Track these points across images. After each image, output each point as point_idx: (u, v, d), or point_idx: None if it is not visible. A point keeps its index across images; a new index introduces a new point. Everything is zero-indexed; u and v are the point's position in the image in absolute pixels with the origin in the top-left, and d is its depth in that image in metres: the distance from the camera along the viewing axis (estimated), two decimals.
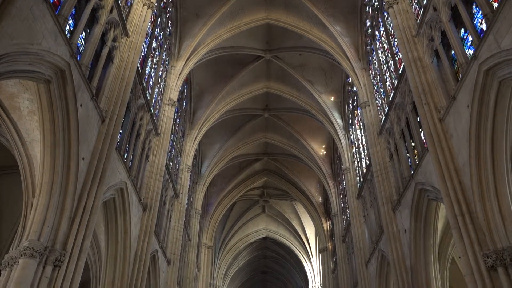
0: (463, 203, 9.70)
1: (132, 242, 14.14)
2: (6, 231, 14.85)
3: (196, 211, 26.60)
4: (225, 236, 36.51)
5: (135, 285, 13.79)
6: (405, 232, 14.29)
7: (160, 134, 17.84)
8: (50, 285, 8.56)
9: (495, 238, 8.75)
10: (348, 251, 23.80)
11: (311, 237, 35.51)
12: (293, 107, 25.94)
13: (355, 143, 22.70)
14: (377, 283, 17.53)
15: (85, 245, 9.71)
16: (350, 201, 21.81)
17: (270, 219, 37.38)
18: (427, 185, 12.46)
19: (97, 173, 10.59)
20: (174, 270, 19.56)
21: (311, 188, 31.50)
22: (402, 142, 15.11)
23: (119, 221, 13.60)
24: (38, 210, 8.97)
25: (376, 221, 18.08)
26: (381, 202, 16.00)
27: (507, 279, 8.29)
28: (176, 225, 20.67)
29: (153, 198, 16.18)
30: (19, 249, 8.49)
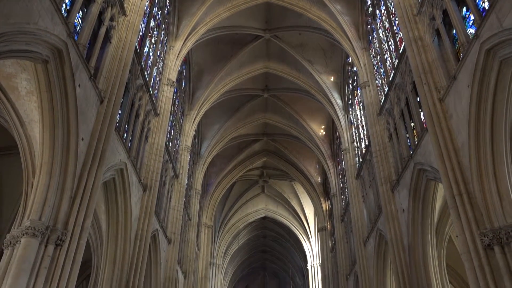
0: (461, 183, 9.76)
1: (133, 222, 14.28)
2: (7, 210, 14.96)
3: (196, 191, 26.76)
4: (224, 216, 36.83)
5: (136, 264, 13.99)
6: (403, 212, 14.43)
7: (159, 115, 17.80)
8: (52, 264, 8.68)
9: (492, 217, 8.84)
10: (346, 231, 24.06)
11: (310, 216, 35.84)
12: (293, 87, 25.81)
13: (354, 124, 22.69)
14: (375, 262, 17.80)
15: (86, 225, 9.80)
16: (349, 181, 21.94)
17: (270, 199, 37.64)
18: (426, 165, 12.52)
19: (97, 153, 10.61)
20: (174, 249, 19.81)
21: (310, 169, 31.62)
22: (402, 123, 15.10)
23: (120, 201, 13.71)
24: (39, 190, 9.03)
25: (375, 201, 18.23)
26: (380, 182, 16.09)
27: (503, 258, 8.41)
28: (176, 205, 20.84)
29: (153, 179, 16.26)
30: (21, 229, 8.58)
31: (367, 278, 18.59)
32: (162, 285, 18.12)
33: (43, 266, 8.47)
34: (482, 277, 8.68)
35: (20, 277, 7.99)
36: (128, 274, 13.50)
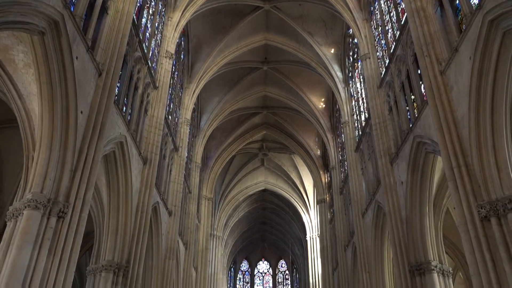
0: (460, 156, 9.80)
1: (134, 194, 14.42)
2: (9, 183, 15.06)
3: (196, 164, 26.89)
4: (224, 189, 37.13)
5: (138, 235, 14.21)
6: (401, 184, 14.55)
7: (158, 88, 17.69)
8: (55, 235, 8.81)
9: (490, 189, 8.92)
10: (345, 203, 24.33)
11: (309, 189, 36.13)
12: (293, 59, 25.53)
13: (354, 96, 22.58)
14: (373, 233, 18.08)
15: (87, 197, 9.90)
16: (348, 154, 22.02)
17: (269, 172, 37.85)
18: (425, 138, 12.54)
19: (96, 126, 10.60)
20: (175, 221, 20.07)
21: (310, 142, 31.67)
22: (402, 95, 15.03)
23: (120, 174, 13.79)
24: (39, 164, 9.07)
25: (374, 173, 18.36)
26: (379, 155, 16.16)
27: (499, 229, 8.53)
28: (176, 178, 20.98)
29: (153, 152, 16.31)
30: (23, 201, 8.67)
31: (365, 249, 18.93)
32: (163, 256, 18.47)
33: (46, 238, 8.61)
34: (478, 248, 8.84)
35: (24, 248, 8.14)
36: (130, 245, 13.74)
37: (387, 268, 17.64)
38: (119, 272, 13.01)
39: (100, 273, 12.81)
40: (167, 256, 18.77)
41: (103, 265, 12.89)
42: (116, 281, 12.88)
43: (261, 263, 52.87)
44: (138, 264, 13.89)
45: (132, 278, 13.41)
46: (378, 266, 17.82)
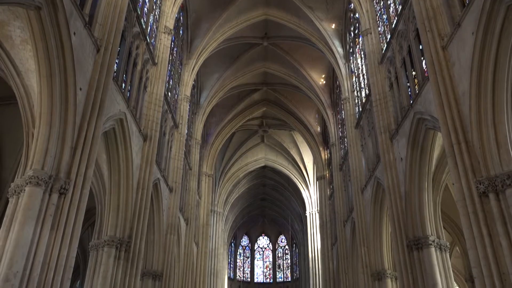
0: (460, 132, 9.80)
1: (134, 171, 14.49)
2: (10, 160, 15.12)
3: (196, 141, 26.92)
4: (225, 165, 37.28)
5: (139, 211, 14.37)
6: (401, 161, 14.60)
7: (157, 64, 17.53)
8: (57, 212, 8.91)
9: (489, 165, 8.95)
10: (344, 179, 24.48)
11: (309, 165, 36.27)
12: (293, 35, 25.19)
13: (355, 73, 22.40)
14: (372, 209, 18.26)
15: (88, 174, 9.96)
16: (348, 131, 22.02)
17: (269, 148, 37.91)
18: (425, 115, 12.52)
19: (96, 103, 10.56)
20: (176, 197, 20.24)
21: (310, 118, 31.61)
22: (403, 71, 14.91)
23: (120, 151, 13.83)
24: (40, 141, 9.08)
25: (373, 150, 18.40)
26: (379, 131, 16.16)
27: (497, 204, 8.61)
28: (176, 155, 21.04)
29: (153, 128, 16.30)
30: (24, 178, 8.71)
31: (364, 224, 19.16)
32: (165, 231, 18.72)
33: (49, 214, 8.70)
34: (475, 223, 8.94)
35: (26, 224, 8.24)
36: (132, 221, 13.91)
37: (385, 242, 17.90)
38: (121, 247, 13.21)
39: (103, 248, 13.01)
40: (168, 232, 19.02)
41: (105, 241, 13.08)
42: (119, 256, 13.10)
43: (261, 238, 53.61)
44: (140, 239, 14.08)
45: (134, 252, 13.63)
46: (377, 241, 18.08)
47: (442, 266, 13.05)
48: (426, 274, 12.79)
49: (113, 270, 12.78)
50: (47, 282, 8.33)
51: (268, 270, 52.15)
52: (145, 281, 17.02)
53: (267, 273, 51.95)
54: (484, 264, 8.58)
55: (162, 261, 18.06)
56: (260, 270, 52.12)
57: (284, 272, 51.60)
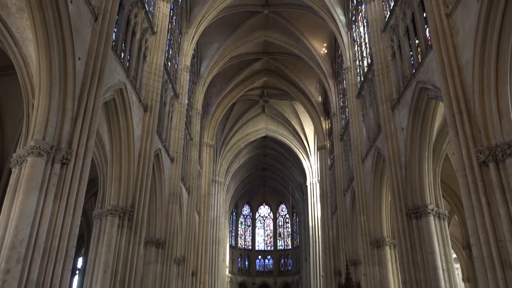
0: (462, 102, 9.75)
1: (135, 141, 14.53)
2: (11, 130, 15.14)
3: (196, 111, 26.85)
4: (225, 136, 37.33)
5: (141, 181, 14.51)
6: (402, 130, 14.60)
7: (157, 33, 17.27)
8: (60, 181, 8.99)
9: (490, 135, 8.96)
10: (345, 149, 24.55)
11: (309, 135, 36.32)
12: (294, 2, 24.63)
13: (357, 41, 22.07)
14: (372, 178, 18.40)
15: (90, 144, 9.99)
16: (349, 101, 21.91)
17: (270, 118, 37.84)
18: (428, 84, 12.42)
19: (95, 73, 10.47)
20: (177, 167, 20.38)
21: (311, 88, 31.38)
22: (406, 40, 14.69)
23: (121, 121, 13.83)
24: (40, 111, 9.06)
25: (375, 119, 18.36)
26: (381, 101, 16.08)
27: (497, 173, 8.67)
28: (177, 125, 21.04)
29: (153, 99, 16.24)
30: (26, 148, 8.75)
31: (364, 194, 19.35)
32: (167, 200, 18.96)
33: (52, 184, 8.79)
34: (474, 192, 9.02)
35: (30, 193, 8.33)
36: (134, 191, 14.07)
37: (385, 211, 18.14)
38: (124, 216, 13.42)
39: (106, 217, 13.22)
40: (170, 201, 19.26)
41: (108, 210, 13.27)
42: (122, 225, 13.32)
43: (262, 207, 54.34)
44: (142, 208, 14.28)
45: (137, 221, 13.86)
46: (376, 209, 18.32)
47: (440, 234, 13.27)
48: (424, 242, 13.03)
49: (117, 238, 13.03)
50: (53, 250, 8.51)
51: (269, 238, 53.14)
52: (148, 248, 17.39)
53: (268, 241, 52.96)
54: (481, 232, 8.72)
55: (165, 230, 18.38)
56: (261, 238, 53.11)
57: (284, 240, 52.60)
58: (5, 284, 7.59)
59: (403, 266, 13.61)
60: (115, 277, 12.58)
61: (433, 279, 12.48)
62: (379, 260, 17.65)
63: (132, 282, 13.20)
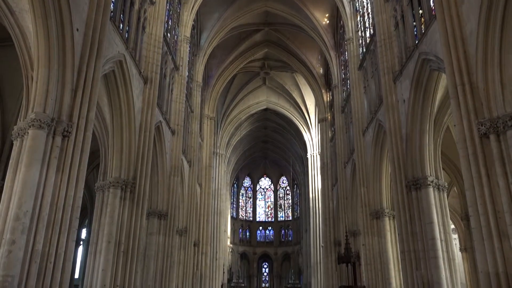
0: (465, 73, 9.64)
1: (136, 114, 14.51)
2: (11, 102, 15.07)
3: (197, 83, 26.68)
4: (226, 108, 37.21)
5: (143, 153, 14.57)
6: (403, 102, 14.53)
7: (155, 3, 16.95)
8: (61, 154, 9.03)
9: (492, 106, 8.91)
10: (346, 121, 24.50)
11: (311, 108, 36.18)
12: None
13: (360, 11, 21.66)
14: (373, 151, 18.45)
15: (90, 117, 9.97)
16: (351, 72, 21.72)
17: (271, 91, 37.61)
18: (430, 55, 12.27)
19: (94, 44, 10.33)
20: (178, 140, 20.42)
21: (313, 60, 31.03)
22: (410, 10, 14.43)
23: (121, 94, 13.77)
24: (39, 83, 9.01)
25: (376, 91, 18.25)
26: (383, 72, 15.93)
27: (497, 145, 8.67)
28: (178, 97, 20.95)
29: (153, 71, 16.11)
30: (27, 121, 8.75)
31: (364, 166, 19.45)
32: (168, 173, 19.09)
33: (53, 156, 8.83)
34: (474, 163, 9.05)
35: (32, 165, 8.39)
36: (136, 163, 14.15)
37: (385, 183, 18.28)
38: (126, 188, 13.55)
39: (108, 189, 13.35)
40: (172, 173, 19.40)
41: (110, 182, 13.39)
42: (124, 197, 13.47)
43: (263, 179, 54.76)
44: (144, 180, 14.41)
45: (139, 193, 14.00)
46: (376, 181, 18.46)
47: (439, 205, 13.41)
48: (423, 213, 13.19)
49: (120, 210, 13.20)
50: (57, 221, 8.64)
51: (270, 209, 53.80)
52: (150, 220, 17.65)
53: (269, 212, 53.65)
54: (480, 203, 8.80)
55: (167, 202, 18.59)
56: (262, 210, 53.79)
57: (285, 211, 53.26)
58: (11, 255, 7.75)
59: (402, 236, 13.82)
60: (118, 247, 12.83)
61: (431, 249, 12.70)
62: (378, 230, 17.92)
63: (135, 253, 13.46)
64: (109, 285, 12.27)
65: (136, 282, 13.48)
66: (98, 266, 12.48)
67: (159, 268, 17.54)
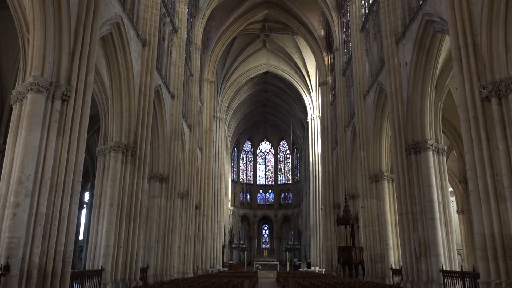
0: (469, 34, 9.47)
1: (135, 77, 14.38)
2: (8, 66, 14.88)
3: (196, 46, 26.27)
4: (226, 71, 36.82)
5: (143, 117, 14.56)
6: (405, 65, 14.36)
7: None
8: (61, 118, 9.01)
9: (494, 69, 8.81)
10: (347, 85, 24.31)
11: (311, 71, 35.80)
12: None
13: None
14: (373, 114, 18.42)
15: (89, 80, 9.88)
16: (353, 34, 21.34)
17: (271, 53, 37.09)
18: (434, 16, 12.02)
19: (90, 5, 10.09)
20: (178, 104, 20.33)
21: (314, 21, 30.39)
22: None
23: (120, 57, 13.59)
24: (36, 46, 8.87)
25: (378, 54, 18.01)
26: (385, 34, 15.67)
27: (498, 108, 8.64)
28: (177, 61, 20.68)
29: (151, 33, 15.83)
30: (25, 85, 8.68)
31: (364, 129, 19.47)
32: (169, 137, 19.14)
33: (53, 120, 8.82)
34: (475, 127, 9.05)
35: (32, 130, 8.39)
36: (136, 127, 14.16)
37: (384, 147, 18.37)
38: (127, 152, 13.62)
39: (110, 153, 13.42)
40: (172, 137, 19.45)
41: (111, 146, 13.45)
42: (126, 160, 13.56)
43: (263, 143, 54.97)
44: (145, 144, 14.46)
45: (140, 157, 14.09)
46: (376, 145, 18.54)
47: (438, 168, 13.53)
48: (422, 176, 13.32)
49: (121, 173, 13.33)
50: (59, 185, 8.73)
51: (270, 173, 54.32)
52: (152, 183, 17.86)
53: (269, 176, 54.20)
54: (479, 166, 8.87)
55: (168, 165, 18.74)
56: (262, 174, 54.31)
57: (285, 175, 53.80)
58: (16, 217, 7.89)
59: (400, 199, 14.03)
60: (121, 210, 13.05)
61: (428, 211, 12.92)
62: (377, 193, 18.18)
63: (138, 215, 13.71)
64: (113, 246, 12.58)
65: (139, 243, 13.81)
66: (102, 228, 12.74)
67: (162, 230, 17.92)
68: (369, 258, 18.34)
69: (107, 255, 12.41)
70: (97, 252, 12.60)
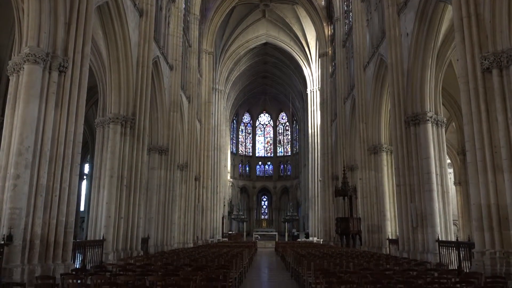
0: (472, 4, 9.30)
1: (133, 48, 14.20)
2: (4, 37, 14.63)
3: (194, 16, 25.82)
4: (225, 42, 36.31)
5: (141, 89, 14.46)
6: (407, 36, 14.17)
7: None
8: (59, 89, 8.95)
9: (497, 40, 8.70)
10: (347, 56, 24.05)
11: (311, 42, 35.31)
12: None
13: None
14: (373, 86, 18.31)
15: (86, 51, 9.75)
16: (354, 4, 20.96)
17: (271, 24, 36.48)
18: None
19: None
20: (177, 75, 20.16)
21: None
22: None
23: (116, 27, 13.38)
24: (31, 16, 8.71)
25: (379, 25, 17.73)
26: (387, 4, 15.38)
27: (499, 80, 8.58)
28: (175, 31, 20.37)
29: (148, 3, 15.53)
30: (21, 56, 8.57)
31: (364, 101, 19.40)
32: (168, 109, 19.06)
33: (51, 92, 8.76)
34: (475, 99, 9.01)
35: (30, 101, 8.35)
36: (134, 99, 14.08)
37: (384, 119, 18.35)
38: (126, 124, 13.60)
39: (108, 125, 13.41)
40: (171, 109, 19.38)
41: (110, 118, 13.42)
42: (125, 132, 13.56)
43: (263, 115, 54.86)
44: (143, 116, 14.43)
45: (139, 129, 14.08)
46: (375, 117, 18.51)
47: (437, 140, 13.56)
48: (420, 148, 13.37)
49: (121, 145, 13.35)
50: (59, 156, 8.76)
51: (269, 145, 54.47)
52: (152, 155, 17.93)
53: (268, 148, 54.38)
54: (478, 138, 8.88)
55: (167, 137, 18.76)
56: (261, 145, 54.46)
57: (284, 147, 53.97)
58: (17, 188, 7.95)
59: (398, 170, 14.13)
60: (121, 181, 13.15)
61: (426, 182, 13.04)
62: (375, 165, 18.29)
63: (138, 186, 13.82)
64: (113, 217, 12.75)
65: (139, 214, 13.99)
66: (102, 199, 12.88)
67: (162, 201, 18.12)
68: (366, 229, 18.64)
69: (108, 226, 12.60)
70: (98, 222, 12.78)
